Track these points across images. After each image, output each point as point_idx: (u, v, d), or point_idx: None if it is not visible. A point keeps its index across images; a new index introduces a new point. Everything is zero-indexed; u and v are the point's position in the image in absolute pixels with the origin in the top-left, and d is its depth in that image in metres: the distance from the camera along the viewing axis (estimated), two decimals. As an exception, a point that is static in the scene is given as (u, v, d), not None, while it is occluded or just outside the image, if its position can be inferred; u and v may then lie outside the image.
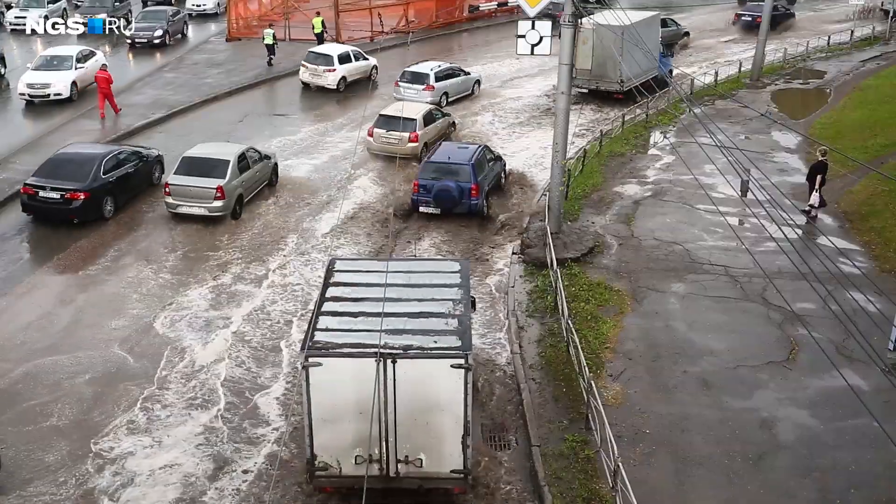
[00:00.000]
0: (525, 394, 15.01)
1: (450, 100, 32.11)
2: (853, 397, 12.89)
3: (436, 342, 11.82)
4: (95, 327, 17.30)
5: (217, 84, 34.43)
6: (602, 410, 13.02)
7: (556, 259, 18.46)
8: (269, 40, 37.01)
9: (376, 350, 11.32)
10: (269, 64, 37.20)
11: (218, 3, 48.09)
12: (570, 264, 19.33)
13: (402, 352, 11.55)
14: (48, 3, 43.13)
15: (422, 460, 11.97)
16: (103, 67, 30.88)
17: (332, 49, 34.93)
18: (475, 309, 15.12)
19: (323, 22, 39.90)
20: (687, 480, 13.01)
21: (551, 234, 19.89)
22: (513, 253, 20.49)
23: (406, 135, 25.94)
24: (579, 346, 14.93)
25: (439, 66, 32.42)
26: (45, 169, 21.53)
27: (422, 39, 43.32)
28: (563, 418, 14.37)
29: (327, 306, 12.73)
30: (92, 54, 32.90)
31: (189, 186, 21.31)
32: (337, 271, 13.92)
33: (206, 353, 16.41)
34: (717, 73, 36.13)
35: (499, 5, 49.00)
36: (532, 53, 20.88)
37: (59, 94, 30.38)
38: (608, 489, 12.51)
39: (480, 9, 48.50)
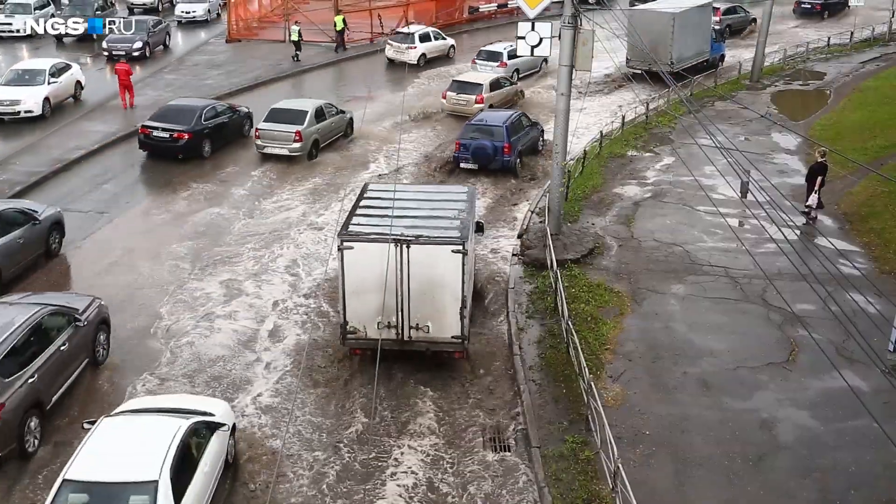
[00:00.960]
0: (525, 395, 15.02)
1: (520, 75, 36.12)
2: (853, 398, 12.92)
3: (440, 234, 15.02)
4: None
5: (217, 85, 34.41)
6: (602, 412, 13.03)
7: (556, 260, 18.46)
8: (294, 37, 38.44)
9: (394, 237, 14.52)
10: (296, 59, 38.42)
11: (209, 10, 46.64)
12: (570, 265, 19.34)
13: (413, 238, 14.73)
14: (35, 8, 42.01)
15: (429, 327, 15.13)
16: (122, 60, 30.62)
17: (415, 28, 40.02)
18: (483, 232, 18.87)
19: (344, 19, 40.58)
20: (687, 481, 13.01)
21: (551, 235, 19.90)
22: (513, 254, 20.51)
23: (473, 97, 30.68)
24: (579, 348, 14.93)
25: (511, 46, 35.96)
26: (158, 115, 26.46)
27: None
28: (563, 419, 14.38)
29: (359, 212, 16.02)
30: (67, 67, 31.19)
31: (274, 131, 26.06)
32: (369, 191, 17.41)
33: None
34: (716, 73, 36.17)
35: (499, 7, 49.23)
36: (532, 55, 21.05)
37: (29, 112, 28.50)
38: (608, 490, 12.51)
39: (480, 10, 48.64)
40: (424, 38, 39.25)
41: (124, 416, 12.38)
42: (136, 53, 37.35)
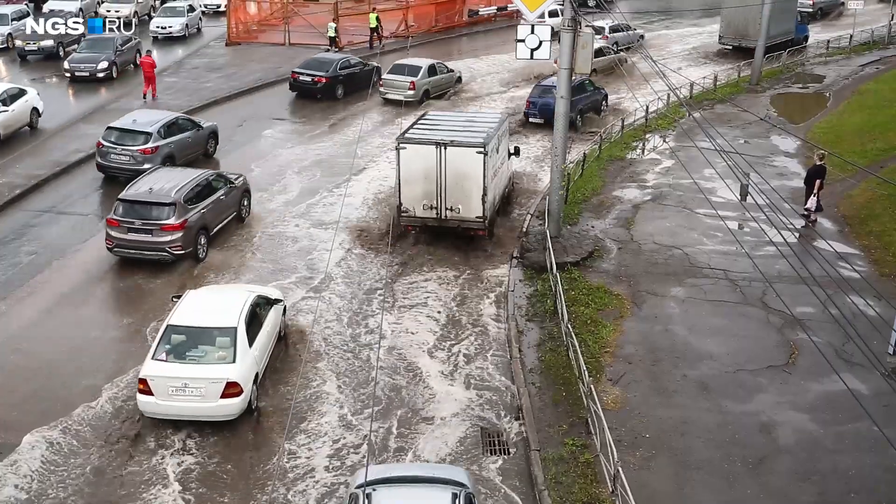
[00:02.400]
0: (525, 398, 15.01)
1: (619, 48, 40.28)
2: (853, 401, 12.90)
3: (469, 139, 20.35)
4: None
5: (217, 88, 34.38)
6: (602, 414, 13.03)
7: (556, 263, 18.47)
8: (331, 33, 40.79)
9: (436, 141, 20.12)
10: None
11: (186, 25, 43.20)
12: (570, 268, 19.33)
13: (449, 142, 20.11)
14: (12, 19, 39.62)
15: (459, 209, 20.34)
16: (147, 53, 31.35)
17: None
18: (518, 156, 24.10)
19: (378, 17, 41.87)
20: (686, 484, 13.00)
21: (551, 238, 19.90)
22: (512, 257, 20.52)
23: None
24: (579, 351, 14.93)
25: (613, 22, 41.33)
26: (304, 64, 34.10)
27: (421, 44, 43.34)
28: (563, 422, 14.37)
29: (416, 126, 21.72)
30: (22, 93, 27.85)
31: (394, 80, 33.51)
32: (426, 114, 23.30)
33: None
34: (716, 76, 36.23)
35: (498, 10, 49.22)
36: (531, 58, 21.06)
37: None
38: (608, 493, 12.50)
39: (480, 13, 48.67)
40: (552, 14, 42.88)
41: (205, 290, 17.29)
42: (100, 74, 34.05)
